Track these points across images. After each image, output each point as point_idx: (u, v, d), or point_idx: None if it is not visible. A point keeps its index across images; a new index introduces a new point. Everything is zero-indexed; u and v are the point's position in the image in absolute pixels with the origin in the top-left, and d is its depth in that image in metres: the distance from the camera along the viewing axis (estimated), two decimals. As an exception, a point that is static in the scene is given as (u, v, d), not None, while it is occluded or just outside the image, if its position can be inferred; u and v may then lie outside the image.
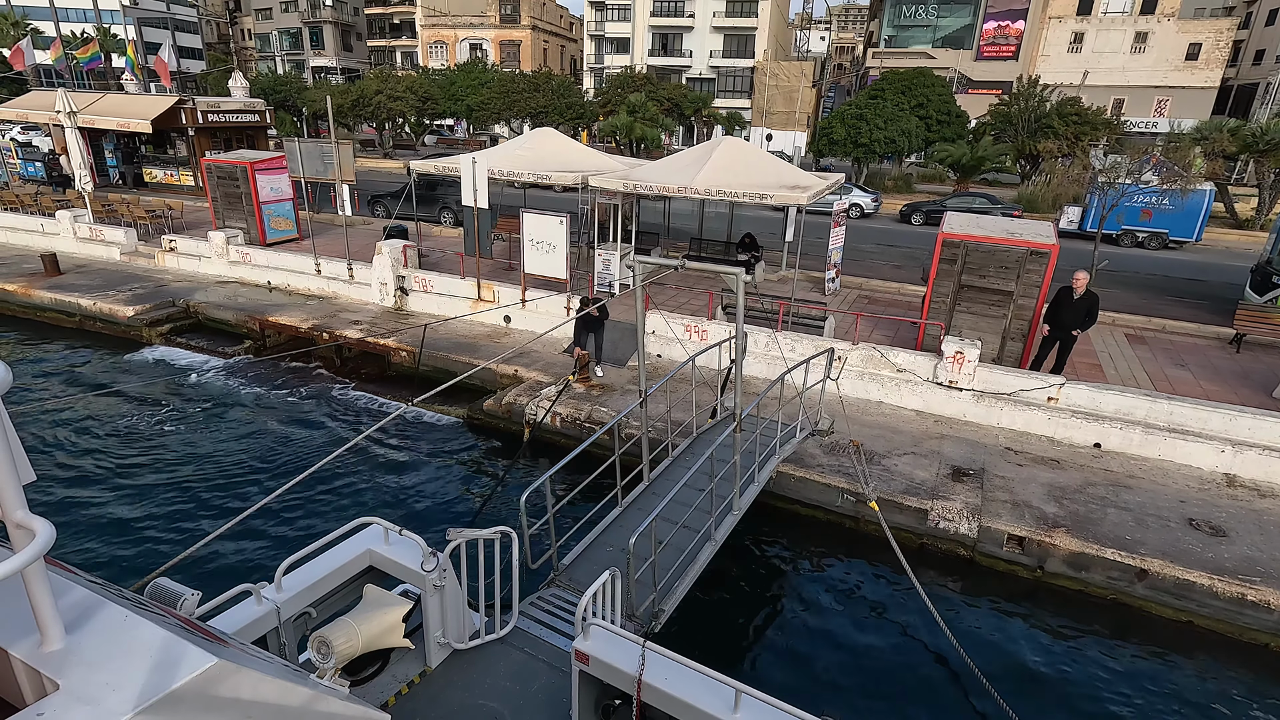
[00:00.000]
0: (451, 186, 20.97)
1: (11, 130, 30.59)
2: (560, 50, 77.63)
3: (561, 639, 5.21)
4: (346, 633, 4.17)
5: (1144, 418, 9.83)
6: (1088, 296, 10.28)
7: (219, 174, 18.24)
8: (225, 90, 28.54)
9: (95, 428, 10.67)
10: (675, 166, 14.68)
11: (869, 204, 29.36)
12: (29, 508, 1.72)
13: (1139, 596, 7.48)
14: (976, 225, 11.52)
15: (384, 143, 50.47)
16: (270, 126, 29.60)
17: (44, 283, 15.89)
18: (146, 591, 3.54)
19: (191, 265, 17.36)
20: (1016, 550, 7.98)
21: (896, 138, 34.08)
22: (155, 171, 28.16)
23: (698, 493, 6.42)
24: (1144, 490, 8.80)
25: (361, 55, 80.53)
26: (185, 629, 2.13)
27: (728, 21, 61.72)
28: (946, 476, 8.91)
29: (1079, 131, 32.26)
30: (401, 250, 14.92)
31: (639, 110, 41.89)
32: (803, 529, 8.87)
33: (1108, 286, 16.52)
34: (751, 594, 7.84)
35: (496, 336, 13.39)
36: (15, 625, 1.81)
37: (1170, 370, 11.84)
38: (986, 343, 10.93)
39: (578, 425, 10.22)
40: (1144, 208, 23.22)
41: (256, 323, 14.19)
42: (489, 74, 52.84)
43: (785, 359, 10.72)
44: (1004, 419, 10.37)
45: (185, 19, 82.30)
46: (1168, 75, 48.43)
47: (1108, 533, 7.85)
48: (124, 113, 24.43)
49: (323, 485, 9.31)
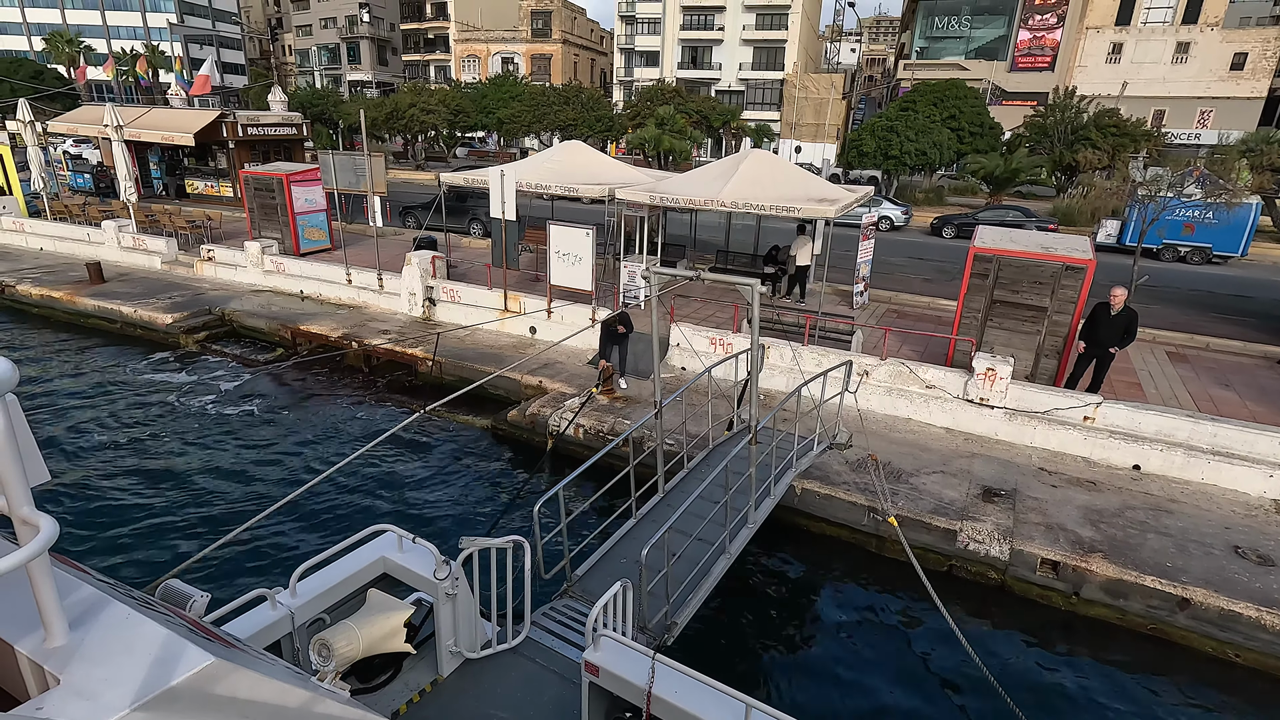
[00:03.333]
0: (481, 198, 21.17)
1: (64, 143, 31.87)
2: (590, 64, 78.54)
3: (573, 650, 5.17)
4: (347, 636, 4.18)
5: (1186, 439, 9.47)
6: (1126, 313, 9.97)
7: (256, 185, 18.72)
8: (265, 104, 29.36)
9: (124, 431, 10.94)
10: (702, 179, 14.67)
11: (899, 217, 29.02)
12: (42, 505, 1.75)
13: (1181, 627, 7.16)
14: (1009, 239, 11.27)
15: (416, 154, 51.43)
16: (307, 139, 30.39)
17: (88, 290, 16.42)
18: (157, 592, 3.58)
19: (228, 274, 17.81)
20: (1050, 575, 7.71)
21: (928, 150, 33.69)
22: (197, 183, 29.03)
23: (713, 505, 6.35)
24: (1186, 515, 8.46)
25: (396, 70, 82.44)
26: (188, 628, 2.15)
27: (757, 34, 61.85)
28: (977, 496, 8.67)
29: (1118, 144, 31.57)
30: (430, 261, 15.12)
31: (667, 123, 42.09)
32: (826, 547, 8.69)
33: (1148, 302, 16.04)
34: (769, 610, 7.69)
35: (522, 347, 13.45)
36: (21, 621, 1.84)
37: (1214, 390, 11.41)
38: (1019, 359, 10.65)
39: (600, 437, 10.19)
40: (1186, 221, 22.56)
41: (288, 331, 14.48)
42: (520, 87, 53.64)
43: (807, 374, 10.57)
44: (1037, 438, 10.08)
45: (229, 36, 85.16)
46: (1211, 86, 47.13)
47: (1147, 559, 7.54)
48: (168, 126, 25.28)
49: (345, 491, 9.41)
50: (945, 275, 19.30)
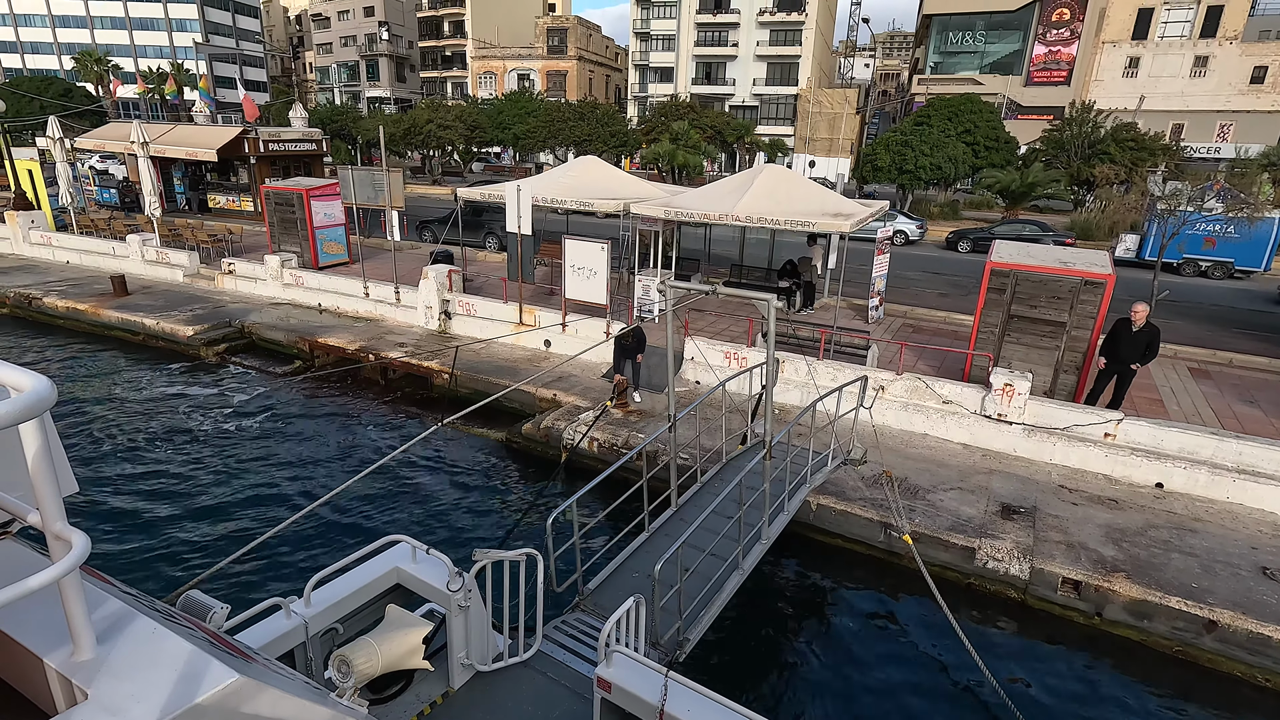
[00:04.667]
0: (497, 213, 21.37)
1: (90, 159, 32.63)
2: (605, 79, 79.32)
3: (585, 665, 5.15)
4: (367, 652, 4.19)
5: (1210, 457, 9.30)
6: (1148, 329, 9.84)
7: (276, 200, 19.03)
8: (286, 120, 29.94)
9: (144, 440, 11.08)
10: (716, 194, 14.72)
11: (914, 231, 28.91)
12: (69, 519, 1.78)
13: (1208, 650, 7.00)
14: (1026, 254, 11.19)
15: (433, 169, 52.08)
16: (326, 154, 30.90)
17: (112, 303, 16.72)
18: (178, 603, 3.61)
19: (248, 287, 18.07)
20: (1072, 595, 7.58)
21: (943, 164, 33.61)
22: (219, 197, 29.57)
23: (726, 520, 6.31)
24: (1211, 535, 8.29)
25: (414, 86, 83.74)
26: (211, 643, 2.17)
27: (771, 50, 62.24)
28: (995, 514, 8.56)
29: (1136, 158, 31.32)
30: (447, 275, 15.26)
31: (681, 138, 42.35)
32: (842, 563, 8.60)
33: (1169, 317, 15.84)
34: (783, 628, 7.61)
35: (537, 360, 13.50)
36: (51, 634, 1.88)
37: (1238, 407, 11.21)
38: (1038, 375, 10.54)
39: (614, 451, 10.18)
40: (1207, 236, 22.28)
41: (306, 343, 14.64)
42: (535, 103, 54.27)
43: (822, 389, 10.52)
44: (1057, 455, 9.94)
45: (253, 54, 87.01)
46: (1231, 99, 46.71)
47: (1172, 579, 7.39)
48: (192, 143, 25.80)
49: (359, 501, 9.46)
50: (961, 290, 19.18)
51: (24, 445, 1.64)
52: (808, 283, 16.09)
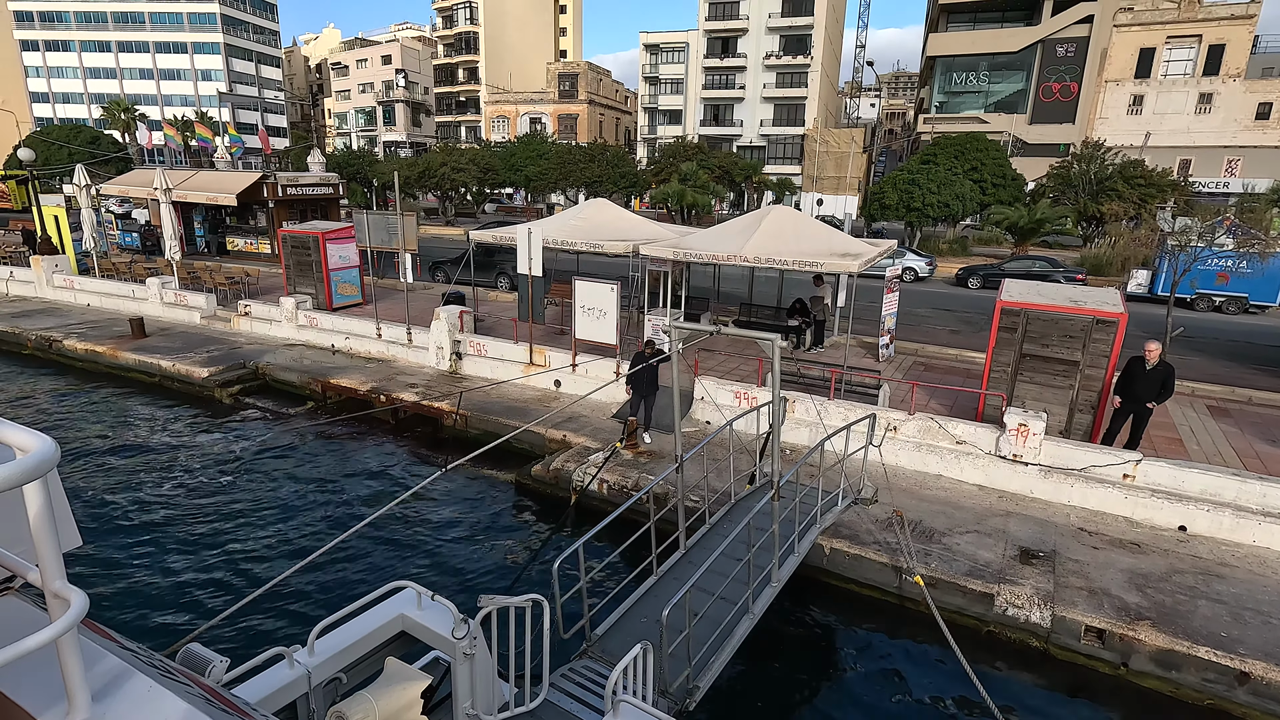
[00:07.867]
0: (508, 254, 21.65)
1: (109, 202, 33.60)
2: (615, 122, 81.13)
3: (592, 714, 5.02)
4: (364, 708, 4.10)
5: (1234, 499, 9.08)
6: (1162, 367, 9.74)
7: (293, 243, 19.42)
8: (305, 165, 30.78)
9: (151, 483, 11.11)
10: (725, 234, 14.86)
11: (923, 268, 29.01)
12: (75, 566, 1.79)
13: (1241, 703, 6.72)
14: (1037, 292, 11.16)
15: (446, 211, 53.08)
16: (343, 198, 31.68)
17: (130, 345, 16.99)
18: (178, 657, 3.57)
19: (263, 329, 18.32)
20: (1096, 644, 7.34)
21: (950, 201, 33.86)
22: (237, 240, 30.23)
23: (735, 562, 6.21)
24: (1239, 581, 8.04)
25: (429, 130, 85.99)
26: (208, 700, 2.15)
27: (778, 92, 63.53)
28: (1014, 558, 8.36)
29: (1145, 194, 31.42)
30: (458, 316, 15.41)
31: (690, 178, 43.00)
32: (856, 608, 8.40)
33: (1185, 354, 15.67)
34: (794, 676, 7.39)
35: (547, 400, 13.51)
36: (47, 693, 1.87)
37: (1260, 446, 10.99)
38: (1052, 414, 10.41)
39: (624, 492, 10.09)
40: (1220, 270, 22.19)
41: (319, 384, 14.76)
42: (547, 146, 55.45)
43: (831, 428, 10.43)
44: (1075, 496, 9.74)
45: (273, 102, 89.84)
46: (1237, 135, 46.97)
47: (1200, 628, 7.15)
48: (213, 188, 26.52)
49: (367, 542, 9.39)
50: (972, 326, 19.12)
51: (26, 504, 1.65)
52: (818, 321, 16.10)
